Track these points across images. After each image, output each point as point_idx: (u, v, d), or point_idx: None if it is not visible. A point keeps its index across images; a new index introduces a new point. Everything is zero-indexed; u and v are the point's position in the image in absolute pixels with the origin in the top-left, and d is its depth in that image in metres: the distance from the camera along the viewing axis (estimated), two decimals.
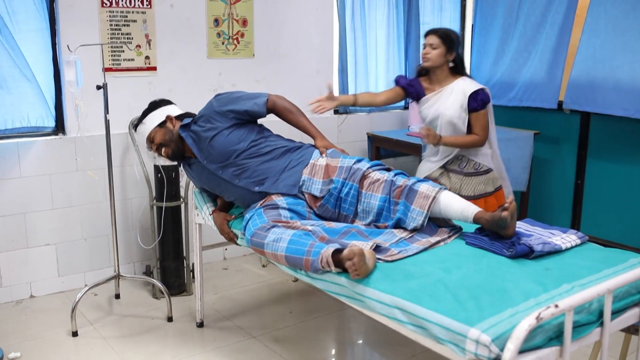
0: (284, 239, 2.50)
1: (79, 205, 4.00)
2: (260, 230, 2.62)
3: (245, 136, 2.98)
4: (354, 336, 3.69)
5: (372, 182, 2.72)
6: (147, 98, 4.08)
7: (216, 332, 3.54)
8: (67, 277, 4.04)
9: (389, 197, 2.65)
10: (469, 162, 3.60)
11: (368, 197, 2.71)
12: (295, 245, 2.45)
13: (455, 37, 3.54)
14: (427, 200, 2.56)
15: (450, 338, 1.89)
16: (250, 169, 2.91)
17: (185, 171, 3.28)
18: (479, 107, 3.50)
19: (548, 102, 4.88)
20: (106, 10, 3.88)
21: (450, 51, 3.51)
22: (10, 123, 3.71)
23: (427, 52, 3.51)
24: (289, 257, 2.45)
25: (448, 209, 2.57)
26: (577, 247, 2.51)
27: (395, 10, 5.14)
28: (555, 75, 4.80)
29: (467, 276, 2.19)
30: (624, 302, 2.14)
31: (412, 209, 2.58)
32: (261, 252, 2.60)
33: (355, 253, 2.19)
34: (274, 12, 4.54)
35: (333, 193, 2.78)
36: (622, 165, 4.63)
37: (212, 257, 4.57)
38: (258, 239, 2.59)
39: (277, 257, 2.52)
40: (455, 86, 3.54)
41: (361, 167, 2.78)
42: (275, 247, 2.51)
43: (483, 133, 3.55)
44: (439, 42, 3.47)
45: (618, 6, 4.28)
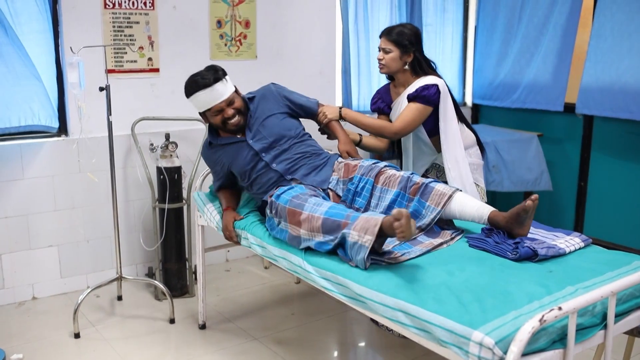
0: (325, 204, 2.55)
1: (81, 207, 4.00)
2: (302, 195, 2.67)
3: (294, 127, 3.10)
4: (356, 338, 3.68)
5: (388, 177, 2.77)
6: (150, 100, 4.11)
7: (218, 334, 3.54)
8: (69, 279, 4.04)
9: (403, 193, 2.69)
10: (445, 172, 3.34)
11: (383, 192, 2.76)
12: (335, 210, 2.49)
13: (410, 36, 3.20)
14: (443, 198, 2.60)
15: (453, 341, 1.89)
16: (290, 157, 2.99)
17: (207, 155, 3.16)
18: (411, 95, 3.19)
19: (553, 104, 4.87)
20: (109, 11, 3.88)
21: (407, 52, 3.21)
22: (23, 120, 3.71)
23: (381, 58, 3.25)
24: (327, 219, 2.46)
25: (464, 207, 2.60)
26: (581, 249, 2.50)
27: (397, 12, 5.13)
28: (561, 78, 4.80)
29: (471, 278, 2.18)
30: (628, 304, 2.13)
31: (426, 205, 2.62)
32: (298, 213, 2.57)
33: (402, 214, 2.17)
34: (277, 14, 4.54)
35: (350, 189, 2.86)
36: (625, 167, 4.62)
37: (215, 259, 4.57)
38: (299, 201, 2.62)
39: (312, 219, 2.51)
40: (411, 86, 3.27)
41: (378, 165, 2.86)
42: (315, 209, 2.54)
43: (400, 124, 3.19)
44: (391, 46, 3.20)
45: (623, 9, 4.28)
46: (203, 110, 3.01)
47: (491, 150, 4.67)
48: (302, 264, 2.57)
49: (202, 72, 2.98)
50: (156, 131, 4.09)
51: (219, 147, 3.10)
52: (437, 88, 3.20)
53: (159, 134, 4.06)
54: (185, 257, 4.04)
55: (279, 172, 2.94)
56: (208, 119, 3.05)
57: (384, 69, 3.28)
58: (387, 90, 3.47)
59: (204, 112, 3.02)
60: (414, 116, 3.19)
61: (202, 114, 3.06)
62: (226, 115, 2.97)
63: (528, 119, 5.25)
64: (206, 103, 2.96)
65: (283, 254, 2.69)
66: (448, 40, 5.54)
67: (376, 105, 3.49)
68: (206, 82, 2.92)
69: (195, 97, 2.96)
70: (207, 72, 2.96)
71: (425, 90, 3.18)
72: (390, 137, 3.28)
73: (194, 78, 2.96)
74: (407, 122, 3.20)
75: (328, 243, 2.46)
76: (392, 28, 3.26)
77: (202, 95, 2.93)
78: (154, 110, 4.12)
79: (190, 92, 2.97)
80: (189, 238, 4.04)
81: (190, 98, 2.99)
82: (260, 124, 3.03)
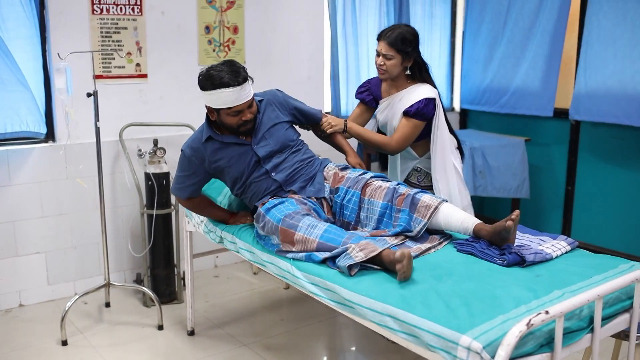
0: (320, 227, 2.53)
1: (69, 213, 3.98)
2: (294, 214, 2.63)
3: (295, 136, 3.05)
4: (346, 344, 3.68)
5: (374, 189, 2.76)
6: (138, 105, 4.10)
7: (207, 340, 3.53)
8: (56, 286, 4.02)
9: (390, 204, 2.69)
10: (427, 176, 3.34)
11: (370, 204, 2.75)
12: (331, 235, 2.48)
13: (412, 41, 3.13)
14: (429, 210, 2.60)
15: (441, 345, 1.89)
16: (288, 167, 2.94)
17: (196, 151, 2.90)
18: (410, 112, 3.15)
19: (543, 109, 4.90)
20: (97, 17, 3.87)
21: (408, 58, 3.16)
22: (9, 127, 3.68)
23: (382, 64, 3.15)
24: (323, 243, 2.46)
25: (449, 219, 2.61)
26: (568, 253, 2.51)
27: (386, 17, 5.15)
28: (550, 83, 4.84)
29: (459, 283, 2.19)
30: (614, 308, 2.14)
31: (414, 217, 2.63)
32: (291, 233, 2.56)
33: (405, 255, 2.19)
34: (265, 19, 4.55)
35: (337, 201, 2.85)
36: (612, 171, 4.66)
37: (203, 265, 4.55)
38: (292, 221, 2.59)
39: (307, 241, 2.51)
40: (405, 92, 3.23)
41: (365, 177, 2.84)
42: (310, 232, 2.52)
43: (398, 140, 3.19)
44: (393, 52, 3.11)
45: (608, 17, 4.33)
46: (221, 107, 2.77)
47: (478, 155, 4.70)
48: (290, 270, 2.57)
49: (227, 67, 2.76)
50: (144, 137, 4.08)
51: (221, 144, 2.90)
52: (434, 103, 3.19)
53: (147, 139, 4.05)
54: (174, 263, 4.02)
55: (278, 182, 2.89)
56: (220, 116, 2.82)
57: (385, 74, 3.19)
58: (378, 85, 3.39)
59: (219, 109, 2.80)
60: (413, 133, 3.20)
61: (213, 109, 2.83)
62: (245, 117, 2.81)
63: (516, 124, 5.28)
64: (229, 101, 2.75)
65: (272, 259, 2.69)
66: (436, 45, 5.57)
67: (362, 96, 3.42)
68: (236, 81, 2.73)
69: (219, 92, 2.73)
70: (234, 69, 2.76)
71: (423, 107, 3.15)
72: (391, 152, 3.27)
73: (219, 73, 2.73)
74: (406, 138, 3.20)
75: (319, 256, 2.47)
76: (392, 31, 3.13)
77: (228, 92, 2.72)
78: (142, 116, 4.11)
79: (214, 86, 2.74)
80: (177, 244, 4.03)
81: (211, 92, 2.75)
82: (267, 130, 2.94)
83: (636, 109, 4.23)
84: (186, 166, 2.96)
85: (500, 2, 5.15)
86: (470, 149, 4.62)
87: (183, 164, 2.97)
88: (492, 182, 4.76)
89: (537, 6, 4.86)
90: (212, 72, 2.75)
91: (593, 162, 4.78)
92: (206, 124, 2.93)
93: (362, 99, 3.43)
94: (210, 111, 2.86)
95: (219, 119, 2.85)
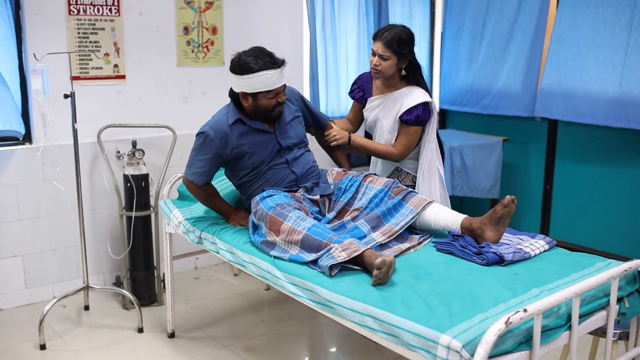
0: (309, 221, 2.57)
1: (46, 216, 3.94)
2: (287, 205, 2.68)
3: (306, 135, 3.15)
4: (327, 344, 3.68)
5: (375, 179, 2.91)
6: (116, 107, 4.07)
7: (187, 342, 3.51)
8: (34, 289, 3.97)
9: (386, 190, 2.80)
10: (407, 176, 3.35)
11: (368, 188, 2.87)
12: (319, 230, 2.51)
13: (408, 42, 3.14)
14: (423, 202, 2.71)
15: (421, 345, 1.90)
16: (303, 163, 3.02)
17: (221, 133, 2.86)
18: (410, 121, 3.18)
19: (524, 110, 4.96)
20: (74, 18, 3.84)
21: (403, 59, 3.17)
22: None
23: (377, 64, 3.14)
24: (309, 236, 2.49)
25: (438, 217, 2.70)
26: (546, 251, 2.54)
27: (365, 18, 5.17)
28: (531, 85, 4.91)
29: (438, 282, 2.21)
30: (591, 305, 2.17)
31: (405, 206, 2.72)
32: (279, 222, 2.59)
33: (385, 264, 2.20)
34: (244, 20, 4.54)
35: (341, 187, 2.96)
36: (589, 170, 4.71)
37: (183, 267, 4.53)
38: (283, 210, 2.63)
39: (293, 232, 2.53)
40: (399, 94, 3.24)
41: (367, 172, 3.00)
42: (298, 223, 2.55)
43: (402, 149, 3.24)
44: (389, 53, 3.10)
45: (590, 23, 4.42)
46: (261, 90, 2.80)
47: (457, 155, 4.74)
48: (271, 270, 2.56)
49: (261, 52, 2.82)
50: (123, 138, 4.05)
51: (247, 129, 2.90)
52: (429, 107, 3.21)
53: (126, 141, 4.02)
54: (154, 265, 4.00)
55: (295, 174, 2.96)
56: (257, 100, 2.84)
57: (379, 74, 3.19)
58: (369, 80, 3.39)
59: (257, 93, 2.81)
60: (414, 139, 3.26)
61: (248, 94, 2.83)
62: (280, 100, 2.87)
63: (494, 124, 5.32)
64: (270, 83, 2.79)
65: (252, 259, 2.68)
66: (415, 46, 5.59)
67: (353, 94, 3.45)
68: (277, 63, 2.80)
69: (260, 75, 2.76)
70: (268, 52, 2.83)
71: (422, 113, 3.18)
72: (396, 160, 3.30)
73: (258, 57, 2.79)
74: (409, 145, 3.25)
75: (303, 257, 2.48)
76: (388, 32, 3.13)
77: (271, 74, 2.77)
78: (120, 118, 4.08)
79: (258, 68, 2.76)
80: (157, 246, 4.01)
81: (252, 76, 2.77)
82: (288, 123, 3.01)
83: (616, 111, 4.30)
84: (208, 148, 2.88)
85: (480, 4, 5.19)
86: (449, 148, 4.65)
87: (205, 146, 2.88)
88: (467, 182, 4.82)
89: (516, 8, 4.92)
90: (249, 58, 2.80)
91: (570, 161, 4.84)
92: (233, 108, 2.93)
93: (355, 98, 3.45)
94: (244, 97, 2.87)
95: (253, 103, 2.86)
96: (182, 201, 3.41)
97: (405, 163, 3.35)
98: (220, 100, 4.44)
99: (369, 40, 5.22)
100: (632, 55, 4.20)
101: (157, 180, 4.05)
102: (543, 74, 4.70)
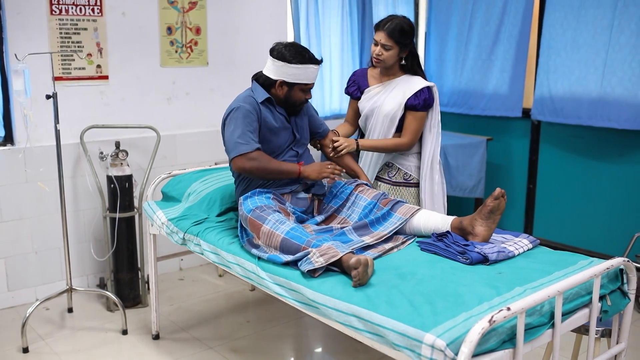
0: (287, 224, 2.58)
1: (29, 218, 3.90)
2: (266, 207, 2.68)
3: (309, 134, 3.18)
4: (312, 344, 3.68)
5: (365, 190, 2.95)
6: (99, 107, 4.04)
7: (172, 344, 3.49)
8: (17, 292, 3.93)
9: (376, 202, 2.83)
10: (399, 171, 3.36)
11: (357, 198, 2.91)
12: (297, 233, 2.52)
13: (409, 32, 3.19)
14: (411, 210, 2.76)
15: (406, 344, 1.91)
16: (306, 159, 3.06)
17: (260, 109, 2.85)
18: (419, 106, 3.22)
19: (512, 110, 5.01)
20: (55, 18, 3.81)
21: (405, 49, 3.23)
22: None
23: (380, 54, 3.20)
24: (287, 239, 2.49)
25: (428, 217, 2.75)
26: (529, 250, 2.56)
27: (349, 18, 5.17)
28: (518, 86, 4.96)
29: (422, 281, 2.21)
30: (574, 303, 2.19)
31: (394, 215, 2.76)
32: (258, 225, 2.61)
33: (361, 263, 2.20)
34: (228, 20, 4.52)
35: (332, 191, 3.01)
36: (572, 169, 4.75)
37: (168, 268, 4.51)
38: (262, 213, 2.64)
39: (272, 235, 2.55)
40: (400, 81, 3.29)
41: (359, 181, 3.05)
42: (277, 227, 2.56)
43: (410, 137, 3.26)
44: (392, 43, 3.16)
45: (574, 27, 4.45)
46: (302, 82, 2.85)
47: (441, 154, 4.74)
48: (255, 270, 2.56)
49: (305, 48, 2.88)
50: (106, 139, 4.03)
51: (273, 112, 2.92)
52: (431, 89, 3.27)
53: (109, 142, 4.00)
54: (138, 267, 3.98)
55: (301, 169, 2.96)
56: (292, 91, 2.87)
57: (381, 64, 3.24)
58: (364, 75, 3.43)
59: (296, 84, 2.85)
60: (421, 125, 3.29)
61: (286, 83, 2.85)
62: (308, 97, 2.96)
63: (478, 123, 5.35)
64: (310, 78, 2.87)
65: (237, 260, 2.68)
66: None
67: (348, 90, 3.48)
68: (319, 60, 2.89)
69: (306, 67, 2.83)
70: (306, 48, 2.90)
71: (428, 97, 3.24)
72: (406, 149, 3.30)
73: (305, 51, 2.85)
74: (417, 131, 3.28)
75: (281, 258, 2.49)
76: (390, 22, 3.17)
77: (314, 69, 2.86)
78: (103, 118, 4.06)
79: (304, 61, 2.83)
80: (141, 247, 3.99)
81: (299, 66, 2.81)
82: (300, 118, 3.05)
83: (598, 111, 4.34)
84: (249, 119, 2.82)
85: (465, 7, 5.21)
86: None
87: (246, 118, 2.81)
88: (450, 181, 4.83)
89: (501, 11, 4.95)
90: (298, 49, 2.84)
91: (554, 160, 4.87)
92: (261, 90, 2.90)
93: (350, 93, 3.47)
94: (280, 85, 2.87)
95: (287, 94, 2.89)
96: (166, 202, 3.40)
97: (396, 157, 3.36)
98: (205, 101, 4.46)
99: (353, 40, 5.23)
100: (613, 55, 4.25)
101: (140, 181, 4.03)
102: (536, 79, 4.73)
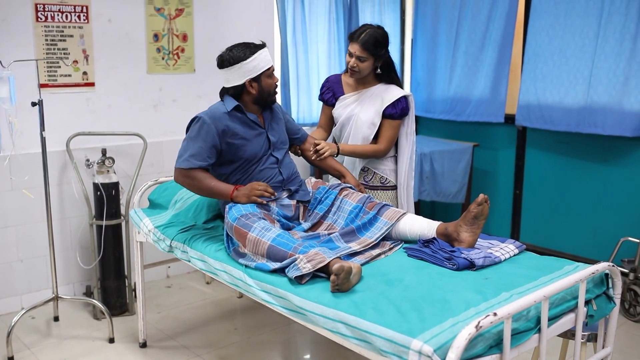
0: (274, 231, 2.56)
1: (14, 226, 3.87)
2: (251, 215, 2.66)
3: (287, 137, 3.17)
4: (300, 351, 3.68)
5: (350, 194, 2.94)
6: (85, 114, 4.03)
7: (160, 352, 3.48)
8: (2, 301, 3.90)
9: (362, 206, 2.83)
10: (375, 175, 3.40)
11: (343, 202, 2.90)
12: (283, 240, 2.50)
13: (383, 43, 3.23)
14: (397, 215, 2.75)
15: (393, 350, 1.91)
16: (288, 165, 3.05)
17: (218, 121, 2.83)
18: (396, 115, 3.28)
19: (495, 116, 5.04)
20: (41, 24, 3.79)
21: (379, 59, 3.27)
22: None
23: (354, 65, 3.23)
24: (274, 247, 2.48)
25: (414, 221, 2.74)
26: (516, 255, 2.57)
27: (335, 25, 5.19)
28: (500, 91, 4.99)
29: (409, 287, 2.22)
30: (560, 308, 2.20)
31: (380, 219, 2.75)
32: (244, 233, 2.58)
33: (344, 269, 2.19)
34: (215, 27, 4.52)
35: (317, 197, 2.99)
36: (558, 175, 4.78)
37: (155, 276, 4.49)
38: (247, 221, 2.62)
39: (258, 243, 2.53)
40: (377, 90, 3.33)
41: (345, 185, 3.03)
42: (262, 234, 2.54)
43: (387, 144, 3.33)
44: (366, 54, 3.19)
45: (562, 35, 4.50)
46: (264, 69, 2.88)
47: (427, 161, 4.78)
48: (243, 278, 2.55)
49: (244, 42, 2.90)
50: (92, 146, 4.01)
51: (243, 119, 2.90)
52: (407, 98, 3.33)
53: (95, 149, 3.98)
54: (125, 275, 3.96)
55: (282, 176, 2.97)
56: (261, 82, 2.89)
57: (356, 74, 3.28)
58: (338, 82, 3.46)
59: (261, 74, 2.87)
60: (397, 133, 3.36)
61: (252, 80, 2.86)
62: (275, 79, 2.96)
63: (464, 130, 5.38)
64: (268, 61, 2.90)
65: (224, 267, 2.67)
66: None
67: (324, 97, 3.50)
68: (263, 44, 2.92)
69: (259, 54, 2.86)
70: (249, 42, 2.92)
71: (401, 104, 3.29)
72: (382, 156, 3.37)
73: (245, 44, 2.88)
74: (393, 139, 3.35)
75: (268, 266, 2.48)
76: (364, 33, 3.19)
77: (266, 52, 2.90)
78: (89, 125, 4.04)
79: (252, 52, 2.85)
80: (128, 255, 3.97)
81: (253, 57, 2.84)
82: (274, 119, 3.04)
83: (585, 118, 4.38)
84: (204, 133, 2.82)
85: (452, 14, 5.24)
86: (420, 154, 4.68)
87: (201, 131, 2.82)
88: (434, 187, 4.88)
89: (486, 17, 4.99)
90: (240, 47, 2.87)
91: (540, 166, 4.91)
92: (231, 99, 2.92)
93: (324, 100, 3.50)
94: (249, 85, 2.89)
95: (259, 88, 2.91)
96: (152, 209, 3.38)
97: (371, 162, 3.40)
98: (192, 108, 4.45)
99: (340, 46, 5.24)
100: (599, 64, 4.29)
101: (127, 189, 4.02)
102: (520, 86, 4.76)
